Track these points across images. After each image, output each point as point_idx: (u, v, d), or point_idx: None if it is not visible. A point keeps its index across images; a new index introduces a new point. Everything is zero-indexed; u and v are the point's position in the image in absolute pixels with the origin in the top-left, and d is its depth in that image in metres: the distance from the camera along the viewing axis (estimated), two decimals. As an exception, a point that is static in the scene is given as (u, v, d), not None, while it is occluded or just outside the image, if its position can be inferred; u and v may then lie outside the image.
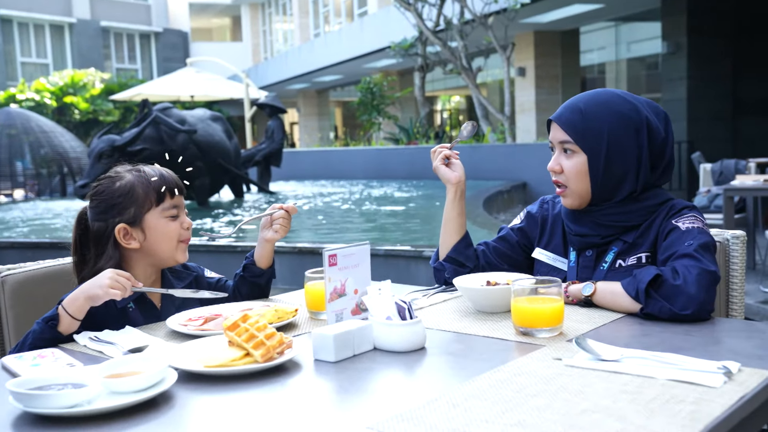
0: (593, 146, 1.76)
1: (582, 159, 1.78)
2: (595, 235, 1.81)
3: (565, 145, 1.80)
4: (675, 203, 1.80)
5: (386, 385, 1.30)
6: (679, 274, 1.57)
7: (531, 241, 1.99)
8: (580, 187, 1.79)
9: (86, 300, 1.59)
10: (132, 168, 1.85)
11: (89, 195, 1.87)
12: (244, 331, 1.40)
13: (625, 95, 1.81)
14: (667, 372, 1.22)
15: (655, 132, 1.77)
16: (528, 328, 1.50)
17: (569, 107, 1.81)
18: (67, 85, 22.04)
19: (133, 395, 1.19)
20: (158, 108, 8.20)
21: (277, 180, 13.13)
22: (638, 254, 1.77)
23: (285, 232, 1.92)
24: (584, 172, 1.78)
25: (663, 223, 1.76)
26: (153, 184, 1.80)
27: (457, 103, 28.57)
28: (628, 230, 1.80)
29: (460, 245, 1.96)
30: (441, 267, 1.98)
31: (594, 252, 1.83)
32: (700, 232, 1.69)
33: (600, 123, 1.76)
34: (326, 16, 24.98)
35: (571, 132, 1.78)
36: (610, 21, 16.05)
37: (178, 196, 1.86)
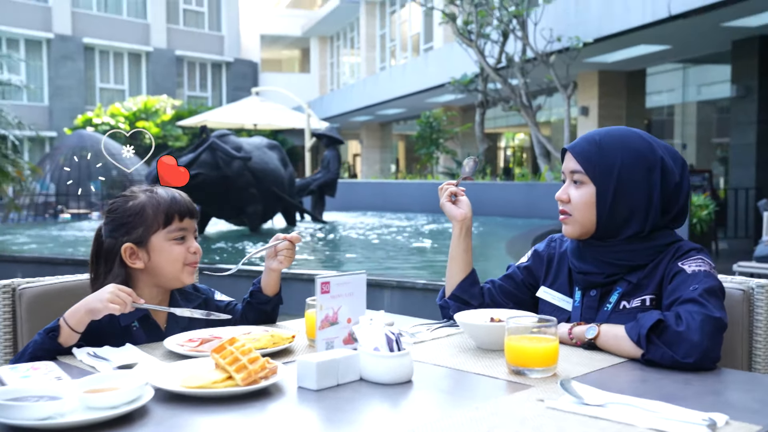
0: (603, 178, 1.74)
1: (590, 190, 1.76)
2: (599, 273, 1.77)
3: (575, 175, 1.78)
4: (682, 245, 1.75)
5: (363, 417, 1.29)
6: (683, 319, 1.51)
7: (536, 280, 1.95)
8: (584, 218, 1.77)
9: (86, 313, 1.63)
10: (147, 188, 1.89)
11: (104, 211, 1.92)
12: (229, 354, 1.40)
13: (642, 134, 1.78)
14: (649, 420, 1.17)
15: (670, 174, 1.74)
16: (519, 368, 1.46)
17: (585, 138, 1.80)
18: (140, 111, 22.83)
19: (107, 410, 1.21)
20: (216, 134, 8.40)
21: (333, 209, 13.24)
22: (642, 296, 1.72)
23: (290, 261, 1.93)
24: (591, 203, 1.76)
25: (669, 265, 1.71)
26: (162, 206, 1.84)
27: (521, 140, 28.42)
28: (633, 270, 1.75)
29: (465, 283, 1.95)
30: (446, 305, 1.97)
31: (598, 292, 1.79)
32: (706, 275, 1.63)
33: (613, 157, 1.74)
34: (392, 51, 25.29)
35: (583, 162, 1.76)
36: (678, 63, 15.77)
37: (189, 220, 1.88)
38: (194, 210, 1.91)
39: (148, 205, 1.83)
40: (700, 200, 8.87)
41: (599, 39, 11.32)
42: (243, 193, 8.48)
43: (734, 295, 1.83)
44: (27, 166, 12.55)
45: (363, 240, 9.07)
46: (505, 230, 10.44)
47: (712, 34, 11.13)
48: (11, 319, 1.93)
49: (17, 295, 1.93)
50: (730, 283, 1.87)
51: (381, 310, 1.59)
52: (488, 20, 12.86)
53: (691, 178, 11.66)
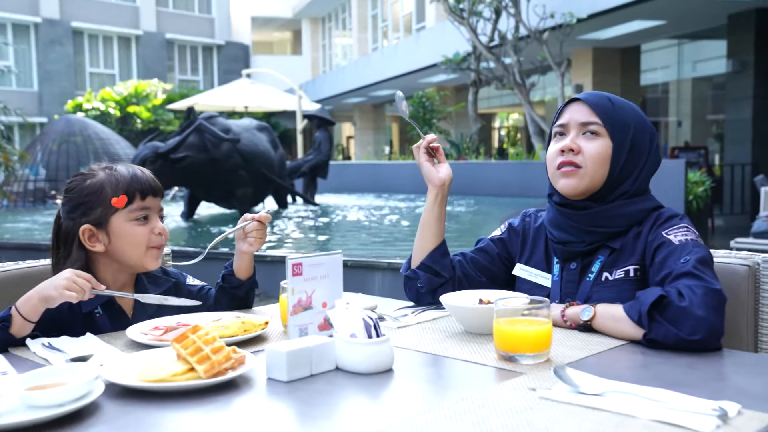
0: (621, 135, 1.67)
1: (607, 143, 1.66)
2: (579, 242, 1.67)
3: (590, 126, 1.67)
4: (663, 212, 1.67)
5: (339, 410, 1.16)
6: (684, 295, 1.39)
7: (511, 255, 1.84)
8: (596, 173, 1.66)
9: (40, 301, 1.50)
10: (106, 165, 1.75)
11: (62, 191, 1.78)
12: (191, 343, 1.28)
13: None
14: (652, 411, 1.05)
15: (658, 149, 1.74)
16: (509, 353, 1.34)
17: (596, 93, 1.72)
18: (131, 95, 22.59)
19: (50, 409, 1.08)
20: (203, 116, 8.23)
21: (325, 192, 13.10)
22: (626, 267, 1.62)
23: (260, 243, 1.80)
24: (606, 157, 1.66)
25: (651, 233, 1.62)
26: (122, 184, 1.69)
27: (515, 120, 28.23)
28: (614, 236, 1.66)
29: (436, 253, 1.81)
30: (414, 275, 1.83)
31: (578, 264, 1.68)
32: (695, 245, 1.53)
33: (627, 116, 1.69)
34: (385, 31, 25.02)
35: (602, 114, 1.67)
36: (673, 39, 15.59)
37: (152, 198, 1.74)
38: (158, 188, 1.76)
39: (106, 183, 1.69)
40: (695, 177, 8.76)
41: (593, 15, 11.15)
42: (232, 176, 8.33)
43: (739, 272, 1.73)
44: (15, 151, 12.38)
45: (355, 222, 8.95)
46: (499, 209, 10.33)
47: (708, 9, 10.97)
48: (-32, 308, 1.80)
49: (-26, 282, 1.80)
50: (734, 258, 1.76)
51: (373, 294, 1.47)
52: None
53: (687, 155, 11.62)
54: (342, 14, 29.04)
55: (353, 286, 1.51)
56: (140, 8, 28.19)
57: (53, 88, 26.04)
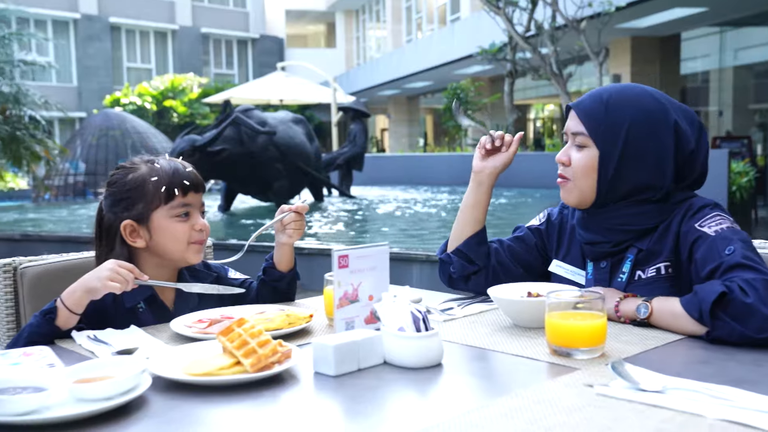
0: (608, 141, 1.58)
1: (593, 154, 1.60)
2: (606, 242, 1.62)
3: (577, 137, 1.62)
4: (693, 201, 1.58)
5: (387, 407, 1.13)
6: (747, 291, 1.32)
7: (547, 247, 1.80)
8: (584, 184, 1.61)
9: (84, 293, 1.49)
10: (149, 160, 1.74)
11: (104, 183, 1.77)
12: (237, 336, 1.26)
13: (655, 94, 1.61)
14: (719, 410, 1.00)
15: (684, 139, 1.57)
16: (562, 348, 1.29)
17: (592, 95, 1.63)
18: (167, 89, 22.82)
19: (99, 403, 1.07)
20: (240, 109, 8.27)
21: (359, 184, 13.10)
22: (657, 264, 1.56)
23: (299, 234, 1.78)
24: (592, 168, 1.60)
25: (683, 226, 1.54)
26: (163, 180, 1.68)
27: (551, 111, 27.94)
28: (642, 235, 1.59)
29: (472, 240, 1.78)
30: (448, 259, 1.80)
31: (608, 263, 1.63)
32: (733, 232, 1.47)
33: (621, 117, 1.57)
34: (419, 23, 24.91)
35: (587, 122, 1.60)
36: (714, 26, 15.25)
37: (194, 194, 1.72)
38: (199, 183, 1.74)
39: (148, 179, 1.68)
40: (739, 167, 8.57)
41: (632, 3, 10.95)
42: (268, 169, 8.34)
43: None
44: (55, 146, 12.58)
45: (391, 214, 8.92)
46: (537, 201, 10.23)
47: (751, -5, 10.71)
48: (14, 299, 1.82)
49: (19, 274, 1.82)
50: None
51: (411, 287, 1.44)
52: (516, -14, 12.51)
53: (729, 145, 11.37)
54: (376, 6, 28.97)
55: (391, 278, 1.48)
56: (176, 3, 28.45)
57: (92, 83, 26.43)
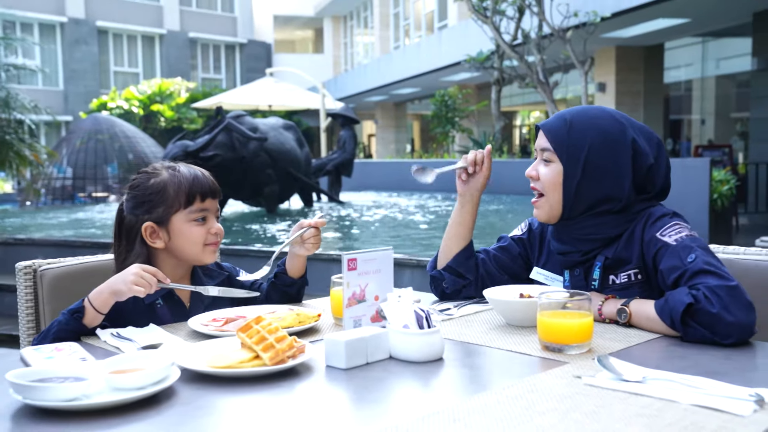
0: (571, 159, 1.71)
1: (558, 169, 1.73)
2: (576, 252, 1.75)
3: (544, 153, 1.76)
4: (652, 211, 1.71)
5: (394, 396, 1.25)
6: (711, 300, 1.45)
7: (530, 255, 1.93)
8: (552, 199, 1.75)
9: (110, 294, 1.60)
10: (170, 166, 1.85)
11: (127, 186, 1.88)
12: (255, 333, 1.37)
13: (615, 114, 1.76)
14: (692, 396, 1.13)
15: (642, 157, 1.71)
16: (553, 344, 1.42)
17: (558, 116, 1.78)
18: (154, 94, 22.83)
19: (133, 392, 1.18)
20: (231, 115, 8.36)
21: (349, 190, 13.20)
22: (627, 271, 1.69)
23: (317, 247, 1.91)
24: (558, 183, 1.74)
25: (645, 234, 1.67)
26: (184, 186, 1.80)
27: (537, 118, 28.19)
28: (608, 243, 1.73)
29: (461, 255, 1.91)
30: (440, 276, 1.93)
31: (581, 270, 1.77)
32: (692, 240, 1.60)
33: (582, 136, 1.71)
34: (407, 29, 25.08)
35: (553, 140, 1.74)
36: (696, 37, 15.51)
37: (211, 200, 1.84)
38: (216, 190, 1.87)
39: (169, 184, 1.80)
40: (720, 175, 8.74)
41: (617, 13, 11.15)
42: (259, 174, 8.44)
43: None
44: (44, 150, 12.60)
45: (380, 219, 9.04)
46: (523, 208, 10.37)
47: (732, 6, 10.92)
48: (33, 300, 1.92)
49: (38, 276, 1.92)
50: (765, 256, 1.83)
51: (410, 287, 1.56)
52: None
53: (711, 153, 11.58)
54: (364, 12, 29.15)
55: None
56: (164, 7, 28.48)
57: (78, 87, 26.40)
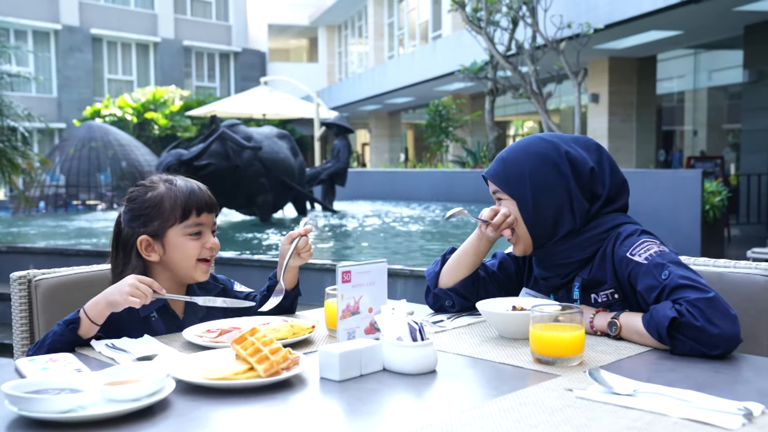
0: (518, 190, 1.78)
1: (512, 204, 1.79)
2: (555, 276, 1.81)
3: (496, 195, 1.83)
4: (621, 230, 1.74)
5: (387, 408, 1.26)
6: (694, 314, 1.47)
7: (524, 274, 1.97)
8: (520, 231, 1.80)
9: (106, 305, 1.61)
10: (167, 179, 1.86)
11: (124, 198, 1.89)
12: (250, 344, 1.38)
13: (545, 136, 1.82)
14: (682, 410, 1.14)
15: (580, 164, 1.76)
16: (545, 357, 1.43)
17: (495, 159, 1.85)
18: (148, 102, 22.81)
19: (128, 403, 1.19)
20: (225, 124, 8.38)
21: (342, 199, 13.22)
22: (605, 291, 1.73)
23: (310, 255, 1.93)
24: (518, 216, 1.79)
25: (615, 254, 1.70)
26: (180, 200, 1.80)
27: (530, 128, 28.29)
28: (583, 265, 1.77)
29: (468, 281, 1.93)
30: (444, 295, 1.94)
31: (563, 292, 1.81)
32: (661, 256, 1.62)
33: (520, 166, 1.77)
34: (401, 39, 25.16)
35: (496, 180, 1.81)
36: (689, 49, 15.62)
37: (207, 214, 1.85)
38: (213, 204, 1.87)
39: (166, 198, 1.80)
40: (712, 186, 8.79)
41: (610, 25, 11.21)
42: (253, 183, 8.45)
43: (758, 282, 1.81)
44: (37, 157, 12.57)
45: (374, 229, 9.05)
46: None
47: (724, 19, 11.01)
48: (27, 310, 1.92)
49: (33, 286, 1.92)
50: (755, 269, 1.84)
51: (398, 299, 1.57)
52: (498, 7, 12.74)
53: (703, 165, 11.64)
54: (358, 22, 29.23)
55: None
56: (158, 15, 28.49)
57: (72, 95, 26.36)
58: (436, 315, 1.90)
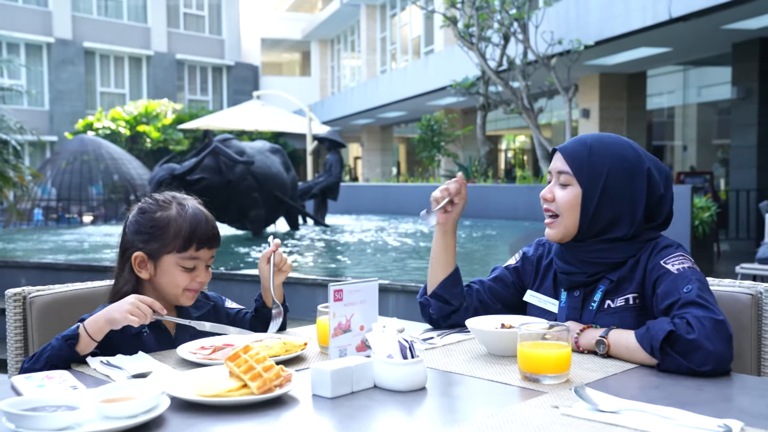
0: (591, 182, 1.77)
1: (576, 192, 1.79)
2: (581, 273, 1.80)
3: (562, 176, 1.81)
4: (659, 241, 1.78)
5: (378, 425, 1.29)
6: (693, 327, 1.52)
7: (524, 282, 1.98)
8: (568, 220, 1.80)
9: (105, 322, 1.64)
10: (181, 202, 1.87)
11: (136, 206, 1.91)
12: (243, 362, 1.41)
13: (633, 144, 1.83)
14: (664, 427, 1.17)
15: (655, 185, 1.78)
16: (532, 374, 1.46)
17: (577, 140, 1.83)
18: (141, 115, 22.82)
19: (124, 420, 1.21)
20: (218, 139, 8.41)
21: (334, 213, 13.25)
22: (626, 295, 1.75)
23: (290, 267, 1.96)
24: (576, 205, 1.79)
25: (649, 262, 1.74)
26: (184, 232, 1.82)
27: (522, 143, 28.43)
28: (613, 268, 1.78)
29: (447, 282, 1.95)
30: (426, 302, 1.98)
31: (581, 292, 1.81)
32: (692, 272, 1.66)
33: (602, 161, 1.77)
34: (393, 54, 25.29)
35: (572, 163, 1.79)
36: (678, 65, 15.77)
37: (207, 250, 1.86)
38: (216, 239, 1.89)
39: (172, 224, 1.82)
40: (701, 202, 8.87)
41: (600, 42, 11.33)
42: (246, 198, 8.48)
43: (742, 300, 1.84)
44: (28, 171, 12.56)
45: (366, 243, 9.07)
46: (508, 232, 10.45)
47: (713, 37, 11.14)
48: (22, 327, 1.94)
49: (28, 303, 1.94)
50: (739, 287, 1.88)
51: (387, 315, 1.60)
52: (489, 23, 12.86)
53: (693, 180, 11.73)
54: (351, 36, 29.38)
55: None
56: (151, 29, 28.56)
57: (64, 107, 26.35)
58: (426, 332, 1.93)
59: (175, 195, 1.91)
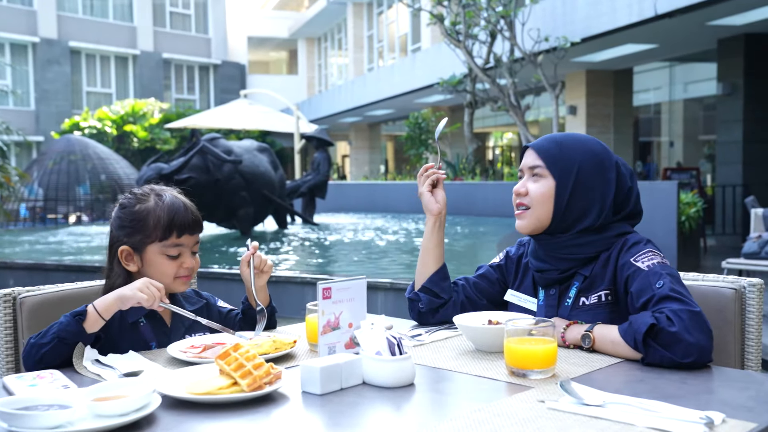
0: (563, 174, 1.82)
1: (550, 184, 1.83)
2: (554, 269, 1.84)
3: (535, 170, 1.85)
4: (628, 237, 1.82)
5: (367, 421, 1.31)
6: (673, 321, 1.55)
7: (507, 279, 2.02)
8: (540, 212, 1.84)
9: (115, 299, 1.66)
10: (159, 193, 1.89)
11: (117, 203, 1.93)
12: (233, 360, 1.42)
13: (601, 142, 1.90)
14: (648, 420, 1.20)
15: (623, 178, 1.84)
16: (519, 369, 1.48)
17: (547, 138, 1.89)
18: (127, 114, 22.71)
19: (116, 418, 1.22)
20: (206, 138, 8.40)
21: (322, 212, 13.25)
22: (598, 292, 1.79)
23: (271, 267, 1.97)
24: (549, 196, 1.83)
25: (619, 259, 1.77)
26: (163, 220, 1.84)
27: (509, 140, 28.51)
28: (585, 263, 1.82)
29: (436, 276, 1.99)
30: (416, 297, 2.01)
31: (557, 290, 1.85)
32: (662, 267, 1.70)
33: (573, 154, 1.83)
34: (380, 52, 25.30)
35: (545, 157, 1.84)
36: (664, 61, 15.86)
37: (189, 236, 1.88)
38: (197, 224, 1.90)
39: (151, 215, 1.84)
40: (688, 198, 8.94)
41: (586, 38, 11.38)
42: (234, 197, 8.48)
43: (726, 294, 1.87)
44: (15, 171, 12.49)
45: (354, 241, 9.09)
46: (495, 229, 10.49)
47: (698, 33, 11.22)
48: (12, 328, 1.94)
49: (18, 304, 1.94)
50: (723, 282, 1.91)
51: (376, 313, 1.62)
52: (476, 21, 12.90)
53: (679, 176, 11.82)
54: (338, 34, 29.36)
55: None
56: (137, 28, 28.44)
57: (50, 107, 26.20)
58: (414, 329, 1.94)
59: (153, 187, 1.93)
